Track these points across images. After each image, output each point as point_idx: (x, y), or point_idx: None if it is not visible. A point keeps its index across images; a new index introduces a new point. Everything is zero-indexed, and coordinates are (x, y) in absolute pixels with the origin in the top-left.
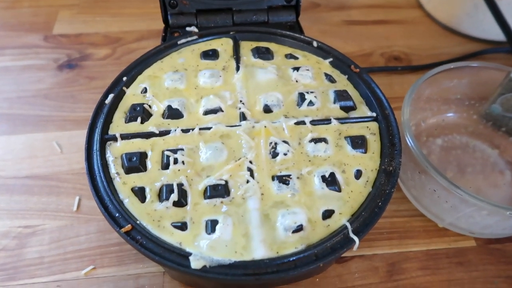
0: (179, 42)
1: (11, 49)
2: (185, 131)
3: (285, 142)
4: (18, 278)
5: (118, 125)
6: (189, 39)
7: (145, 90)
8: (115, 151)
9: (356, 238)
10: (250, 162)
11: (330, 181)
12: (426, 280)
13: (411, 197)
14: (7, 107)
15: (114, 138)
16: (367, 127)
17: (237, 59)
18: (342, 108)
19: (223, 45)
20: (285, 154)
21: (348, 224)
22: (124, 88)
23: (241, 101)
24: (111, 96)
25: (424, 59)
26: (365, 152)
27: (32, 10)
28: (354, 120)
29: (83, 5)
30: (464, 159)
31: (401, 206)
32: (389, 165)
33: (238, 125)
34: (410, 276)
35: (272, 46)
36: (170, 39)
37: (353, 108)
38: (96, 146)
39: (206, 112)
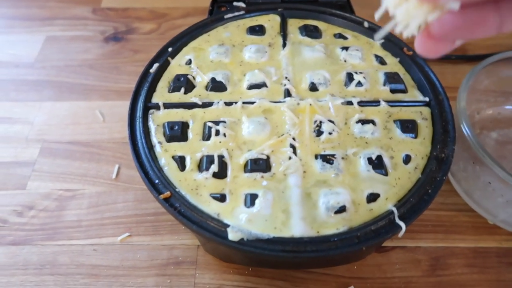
0: (225, 17)
1: (61, 20)
2: (228, 104)
3: (330, 121)
4: (56, 239)
5: (161, 94)
6: (236, 14)
7: (189, 62)
8: (157, 119)
9: (402, 224)
10: (293, 139)
11: (377, 164)
12: (472, 278)
13: (461, 190)
14: (55, 75)
15: (157, 107)
16: (420, 112)
17: (284, 36)
18: (392, 91)
19: (270, 21)
20: (330, 134)
21: (394, 210)
22: (169, 58)
23: (286, 77)
24: (156, 65)
25: (480, 49)
26: (416, 137)
27: None
28: (406, 103)
29: None
30: None
31: (448, 199)
32: (441, 152)
33: (282, 101)
34: (455, 272)
35: (321, 24)
36: (217, 13)
37: (403, 91)
38: (139, 113)
39: (250, 87)
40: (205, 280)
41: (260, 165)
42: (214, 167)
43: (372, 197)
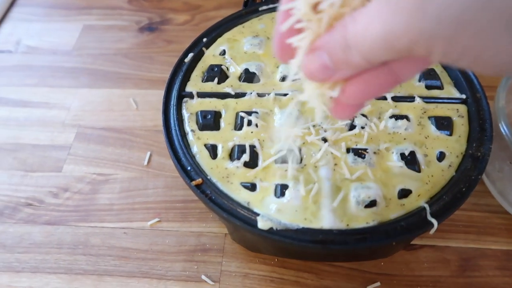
0: (260, 9)
1: (97, 9)
2: (261, 95)
3: (363, 115)
4: (89, 221)
5: (195, 84)
6: (271, 6)
7: (223, 52)
8: (191, 108)
9: (434, 221)
10: (325, 131)
11: (410, 160)
12: (504, 281)
13: (495, 191)
14: (90, 62)
15: (190, 95)
16: (457, 109)
17: None
18: (427, 87)
19: None
20: (362, 128)
21: (426, 206)
22: (204, 48)
23: None
24: (190, 55)
25: None
26: (451, 135)
27: None
28: (441, 100)
29: None
30: None
31: (481, 200)
32: (477, 150)
33: None
34: (486, 274)
35: None
36: (252, 5)
37: (439, 88)
38: (173, 101)
39: (283, 79)
40: (231, 268)
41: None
42: (246, 157)
43: (404, 193)
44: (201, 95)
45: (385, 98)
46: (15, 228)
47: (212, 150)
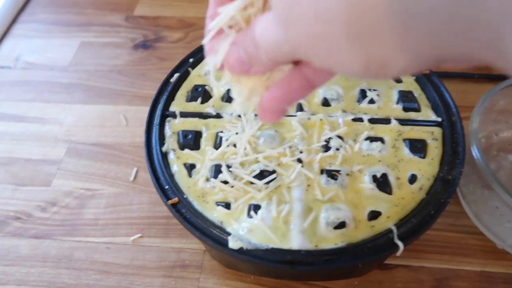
0: None
1: (96, 26)
2: (241, 116)
3: (339, 137)
4: (74, 235)
5: (179, 103)
6: None
7: (208, 72)
8: (173, 127)
9: (400, 244)
10: (301, 152)
11: (381, 182)
12: None
13: (471, 213)
14: (86, 78)
15: (173, 115)
16: (432, 132)
17: None
18: (405, 109)
19: None
20: (337, 149)
21: (394, 228)
22: (190, 69)
23: None
24: (176, 75)
25: None
26: (424, 157)
27: None
28: (417, 123)
29: None
30: None
31: (458, 221)
32: (448, 173)
33: (294, 115)
34: None
35: None
36: None
37: (417, 110)
38: (156, 120)
39: None
40: (208, 284)
41: (266, 177)
42: (222, 176)
43: (373, 215)
44: (184, 114)
45: (361, 120)
46: (3, 241)
47: (191, 169)
